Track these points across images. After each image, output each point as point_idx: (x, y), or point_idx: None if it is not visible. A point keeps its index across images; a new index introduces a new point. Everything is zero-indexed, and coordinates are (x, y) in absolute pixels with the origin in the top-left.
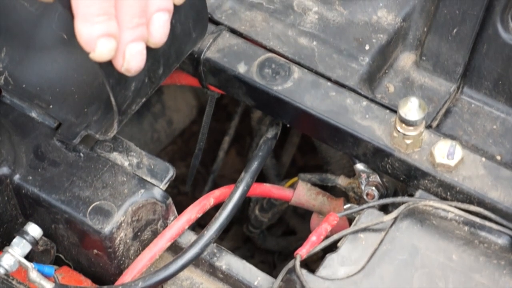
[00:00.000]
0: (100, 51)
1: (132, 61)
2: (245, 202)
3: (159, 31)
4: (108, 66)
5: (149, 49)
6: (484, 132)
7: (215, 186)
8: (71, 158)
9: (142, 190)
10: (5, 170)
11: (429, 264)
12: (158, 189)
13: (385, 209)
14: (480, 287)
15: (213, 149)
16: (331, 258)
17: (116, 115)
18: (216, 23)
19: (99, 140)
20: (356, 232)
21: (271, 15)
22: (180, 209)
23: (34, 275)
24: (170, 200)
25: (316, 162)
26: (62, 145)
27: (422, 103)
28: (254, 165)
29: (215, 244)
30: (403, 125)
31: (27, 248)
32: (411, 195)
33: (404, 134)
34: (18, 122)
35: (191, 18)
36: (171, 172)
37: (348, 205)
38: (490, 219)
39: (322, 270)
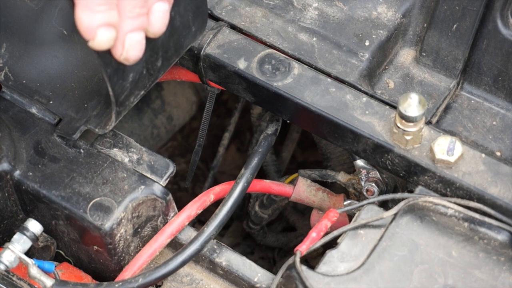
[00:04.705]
0: (99, 40)
1: (131, 50)
2: (245, 198)
3: (159, 21)
4: (106, 55)
5: (147, 40)
6: (484, 128)
7: (215, 182)
8: (71, 154)
9: (142, 186)
10: (5, 166)
11: (428, 260)
12: (158, 185)
13: (385, 205)
14: (479, 283)
15: (213, 145)
16: (331, 255)
17: (114, 105)
18: (216, 19)
19: (98, 135)
20: (356, 228)
21: (271, 11)
22: (180, 205)
23: (34, 271)
24: (170, 196)
25: (316, 158)
26: (62, 141)
27: (422, 99)
28: (254, 161)
29: (215, 241)
30: (403, 121)
31: (28, 244)
32: (411, 191)
33: (404, 130)
34: (18, 118)
35: (190, 11)
36: (171, 168)
37: (348, 201)
38: (489, 215)
39: (322, 266)
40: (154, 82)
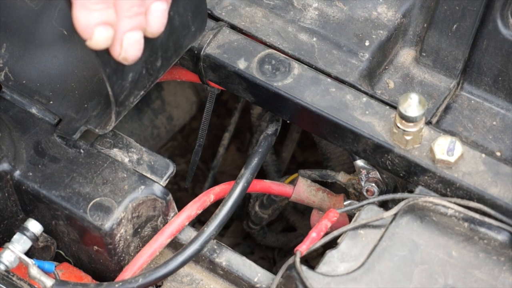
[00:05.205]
0: (97, 39)
1: (129, 49)
2: (245, 199)
3: (157, 21)
4: (104, 55)
5: (146, 40)
6: (484, 128)
7: (215, 182)
8: (71, 154)
9: (142, 187)
10: (5, 166)
11: (428, 260)
12: (158, 186)
13: (385, 205)
14: (479, 283)
15: (213, 145)
16: (331, 255)
17: (114, 105)
18: (216, 19)
19: (98, 135)
20: (356, 228)
21: (271, 11)
22: (180, 206)
23: (34, 271)
24: (170, 197)
25: (316, 158)
26: (62, 141)
27: (422, 99)
28: (254, 161)
29: (215, 241)
30: (403, 121)
31: (28, 244)
32: (411, 192)
33: (404, 130)
34: (18, 118)
35: (189, 11)
36: (171, 169)
37: (348, 202)
38: (489, 215)
39: (322, 267)
40: (154, 82)
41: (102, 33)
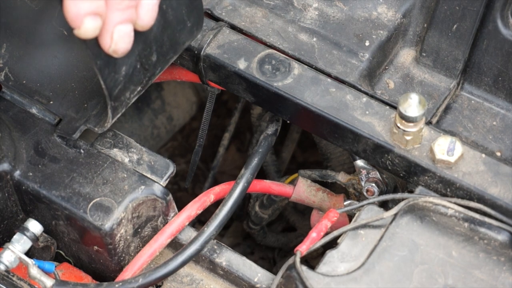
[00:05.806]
0: (85, 28)
1: (119, 42)
2: (245, 199)
3: (147, 14)
4: (95, 47)
5: (139, 33)
6: (484, 128)
7: (215, 182)
8: (72, 154)
9: (143, 187)
10: (5, 166)
11: (429, 260)
12: (159, 186)
13: (385, 205)
14: (479, 283)
15: (213, 145)
16: (331, 255)
17: (108, 99)
18: (216, 19)
19: (98, 135)
20: (356, 228)
21: (271, 11)
22: (180, 206)
23: (34, 271)
24: (170, 197)
25: (316, 158)
26: (62, 141)
27: (422, 99)
28: (254, 162)
29: (215, 241)
30: (403, 121)
31: (28, 244)
32: (411, 192)
33: (404, 130)
34: (18, 118)
35: (184, 5)
36: (171, 169)
37: (348, 202)
38: (490, 216)
39: (322, 267)
40: (152, 79)
41: (90, 22)
